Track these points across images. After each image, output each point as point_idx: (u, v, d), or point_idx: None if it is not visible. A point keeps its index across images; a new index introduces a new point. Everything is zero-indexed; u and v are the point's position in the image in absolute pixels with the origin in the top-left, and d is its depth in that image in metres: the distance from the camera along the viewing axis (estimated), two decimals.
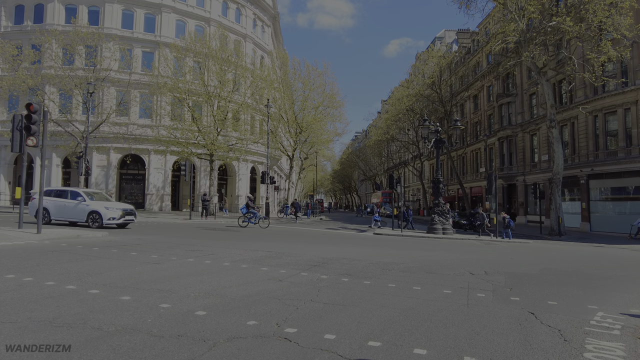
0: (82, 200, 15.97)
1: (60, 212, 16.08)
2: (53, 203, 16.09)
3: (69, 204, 16.02)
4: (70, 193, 16.52)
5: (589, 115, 27.57)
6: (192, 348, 3.56)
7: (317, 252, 11.01)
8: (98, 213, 15.61)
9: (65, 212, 16.04)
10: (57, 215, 16.07)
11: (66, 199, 16.18)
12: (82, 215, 15.79)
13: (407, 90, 44.55)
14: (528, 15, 22.00)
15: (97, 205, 15.91)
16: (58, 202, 16.14)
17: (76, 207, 15.92)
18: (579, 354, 3.89)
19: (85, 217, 15.71)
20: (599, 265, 11.31)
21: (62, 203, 16.09)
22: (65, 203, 16.05)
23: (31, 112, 12.05)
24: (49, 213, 15.91)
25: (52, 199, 16.18)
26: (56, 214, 16.08)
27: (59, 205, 16.10)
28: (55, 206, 16.09)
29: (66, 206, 16.04)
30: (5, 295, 5.03)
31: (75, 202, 15.95)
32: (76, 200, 16.00)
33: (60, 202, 16.14)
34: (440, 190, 21.45)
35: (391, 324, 4.59)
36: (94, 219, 15.60)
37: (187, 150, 29.22)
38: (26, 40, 32.10)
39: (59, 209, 16.08)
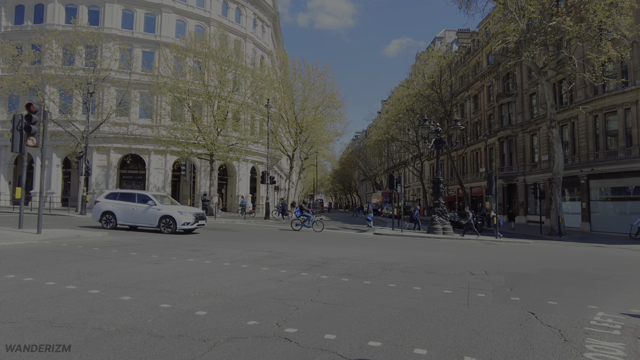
0: (153, 204, 15.05)
1: (128, 216, 15.19)
2: (119, 207, 15.25)
3: (138, 208, 15.12)
4: (138, 196, 15.60)
5: (589, 115, 27.56)
6: (192, 348, 3.56)
7: (317, 252, 11.01)
8: (172, 218, 14.71)
9: (134, 217, 15.13)
10: (125, 220, 15.23)
11: (134, 202, 15.29)
12: (152, 220, 14.91)
13: (407, 90, 44.52)
14: (528, 15, 21.99)
15: (170, 210, 15.01)
16: (125, 206, 15.24)
17: (146, 212, 14.99)
18: (579, 354, 3.90)
19: (156, 222, 14.84)
20: (599, 265, 11.30)
21: (130, 207, 15.19)
22: (134, 207, 15.16)
23: (31, 112, 12.06)
24: (115, 217, 15.17)
25: (117, 202, 15.38)
26: (123, 218, 15.21)
27: (127, 209, 15.20)
28: (122, 210, 15.21)
29: (135, 210, 15.11)
30: (6, 295, 5.03)
31: (145, 206, 15.05)
32: (146, 204, 15.09)
33: (127, 205, 15.24)
34: (440, 190, 21.45)
35: (391, 324, 4.59)
36: (166, 224, 14.72)
37: (187, 150, 29.22)
38: (26, 41, 32.10)
39: (127, 213, 15.18)
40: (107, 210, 15.31)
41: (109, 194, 16.24)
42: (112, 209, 15.25)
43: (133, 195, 15.70)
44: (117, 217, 15.18)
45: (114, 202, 15.45)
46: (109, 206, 15.37)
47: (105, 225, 15.20)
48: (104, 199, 15.73)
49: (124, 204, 15.34)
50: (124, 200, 15.50)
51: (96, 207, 15.69)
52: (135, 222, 15.23)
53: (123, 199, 15.57)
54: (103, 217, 15.30)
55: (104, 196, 16.00)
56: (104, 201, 15.60)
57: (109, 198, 15.75)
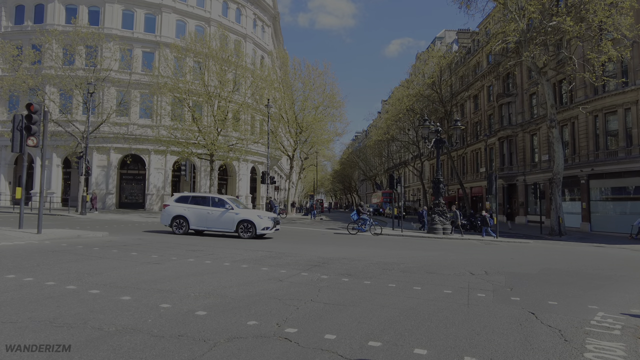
0: (230, 208, 14.55)
1: (202, 221, 14.58)
2: (192, 211, 14.60)
3: (214, 212, 14.52)
4: (212, 200, 15.00)
5: (589, 115, 27.56)
6: (192, 348, 3.56)
7: (317, 252, 11.01)
8: (251, 222, 14.27)
9: (209, 221, 14.54)
10: (198, 224, 14.62)
11: (208, 206, 14.71)
12: (230, 225, 14.41)
13: (407, 90, 44.50)
14: (528, 15, 21.98)
15: (249, 214, 14.66)
16: (199, 210, 14.61)
17: (223, 216, 14.45)
18: (580, 354, 3.89)
19: (234, 226, 14.36)
20: (599, 265, 11.30)
21: (205, 211, 14.57)
22: (209, 211, 14.55)
23: (31, 112, 12.07)
24: (188, 222, 14.55)
25: (190, 206, 14.73)
26: (197, 223, 14.60)
27: (201, 213, 14.58)
28: (196, 214, 14.58)
29: (210, 215, 14.53)
30: (6, 296, 5.03)
31: (222, 210, 14.51)
32: (222, 208, 14.56)
33: (201, 210, 14.62)
34: (440, 190, 21.45)
35: (391, 324, 4.59)
36: (245, 228, 14.29)
37: (187, 150, 29.23)
38: (26, 41, 32.12)
39: (201, 217, 14.57)
40: (178, 214, 14.61)
41: (180, 197, 15.38)
42: (184, 213, 14.55)
43: (207, 199, 15.08)
44: (189, 222, 14.54)
45: (186, 205, 14.73)
46: (180, 210, 14.64)
47: (177, 230, 14.53)
48: (174, 203, 15.01)
49: (197, 208, 14.67)
50: (197, 203, 14.83)
51: (166, 212, 14.91)
52: (210, 227, 14.63)
53: (196, 202, 14.89)
54: (174, 221, 14.62)
55: (173, 200, 15.28)
56: (175, 205, 14.88)
57: (180, 202, 14.98)
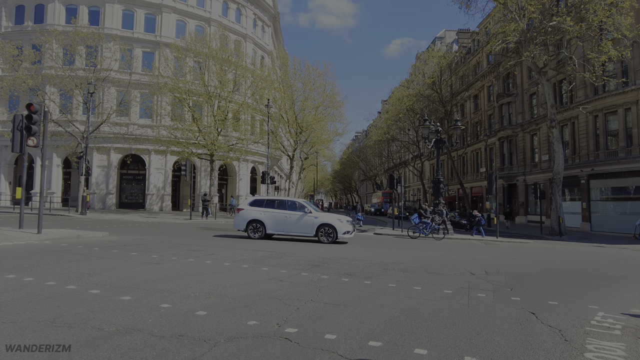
0: (308, 211, 14.20)
1: (280, 225, 14.20)
2: (269, 215, 14.25)
3: (292, 216, 14.18)
4: (288, 203, 14.66)
5: (590, 115, 27.55)
6: (192, 348, 3.56)
7: (318, 252, 11.01)
8: (332, 227, 13.92)
9: (287, 225, 14.16)
10: (275, 228, 14.25)
11: (285, 209, 14.34)
12: (309, 229, 14.06)
13: (407, 90, 44.50)
14: (528, 15, 21.98)
15: (329, 218, 14.37)
16: (276, 214, 14.26)
17: (301, 220, 14.11)
18: (580, 354, 3.89)
19: (313, 231, 14.02)
20: (600, 265, 11.30)
21: (282, 215, 14.23)
22: (286, 215, 14.20)
23: (32, 112, 12.07)
24: (264, 226, 14.16)
25: (266, 209, 14.37)
26: (274, 227, 14.23)
27: (278, 217, 14.22)
28: (272, 218, 14.22)
29: (288, 218, 14.16)
30: (6, 295, 5.03)
31: (300, 214, 14.17)
32: (300, 212, 14.23)
33: (278, 213, 14.26)
34: (440, 190, 21.44)
35: (392, 324, 4.59)
36: (326, 233, 13.92)
37: (187, 150, 29.23)
38: (26, 41, 32.12)
39: (278, 221, 14.20)
40: (254, 218, 14.24)
41: (254, 200, 15.10)
42: (260, 217, 14.21)
43: (283, 202, 14.75)
44: (266, 226, 14.18)
45: (261, 209, 14.38)
46: (256, 214, 14.28)
47: (253, 234, 14.19)
48: (248, 207, 14.69)
49: (274, 211, 14.33)
50: (273, 207, 14.50)
51: (240, 216, 14.56)
52: (287, 231, 14.28)
53: (271, 206, 14.58)
54: (249, 225, 14.26)
55: (247, 203, 15.03)
56: (250, 209, 14.55)
57: (254, 205, 14.66)
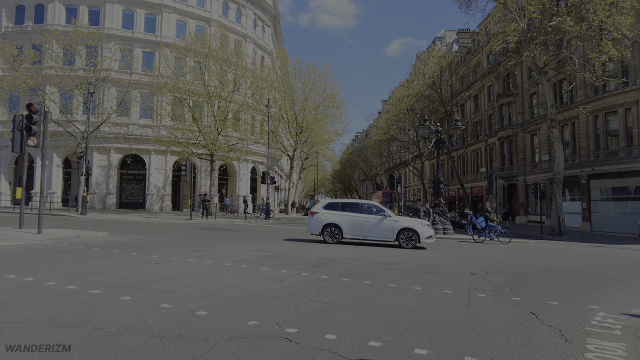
0: (388, 215, 13.71)
1: (358, 229, 13.70)
2: (346, 219, 13.74)
3: (370, 220, 13.65)
4: (365, 206, 14.13)
5: (590, 115, 27.55)
6: (192, 348, 3.56)
7: (318, 252, 11.01)
8: (414, 231, 13.39)
9: (365, 230, 13.66)
10: (353, 233, 13.72)
11: (362, 213, 13.84)
12: (389, 234, 13.52)
13: (407, 90, 44.52)
14: (528, 15, 21.97)
15: (411, 222, 13.91)
16: (353, 218, 13.75)
17: (381, 224, 13.57)
18: (580, 354, 3.89)
19: (394, 235, 13.48)
20: (600, 265, 11.29)
21: (360, 219, 13.71)
22: (364, 219, 13.68)
23: (32, 112, 12.07)
24: (341, 230, 13.67)
25: (342, 213, 13.88)
26: (351, 231, 13.71)
27: (355, 221, 13.71)
28: (349, 222, 13.70)
29: (366, 223, 13.65)
30: (6, 296, 5.03)
31: (379, 218, 13.63)
32: (379, 216, 13.69)
33: (356, 217, 13.76)
34: (440, 190, 21.45)
35: (392, 324, 4.59)
36: (407, 237, 13.38)
37: (187, 150, 29.24)
38: (27, 41, 32.14)
39: (356, 225, 13.69)
40: (330, 222, 13.75)
41: (328, 204, 14.55)
42: (336, 221, 13.71)
43: (360, 205, 14.24)
44: (343, 230, 13.68)
45: (337, 213, 13.90)
46: (332, 218, 13.79)
47: (329, 239, 13.68)
48: (323, 210, 14.14)
49: (351, 215, 13.83)
50: (350, 210, 14.01)
51: (315, 219, 14.00)
52: (366, 236, 13.76)
53: (347, 209, 14.08)
54: (325, 230, 13.77)
55: (321, 207, 14.40)
56: (324, 212, 14.03)
57: (328, 209, 14.14)
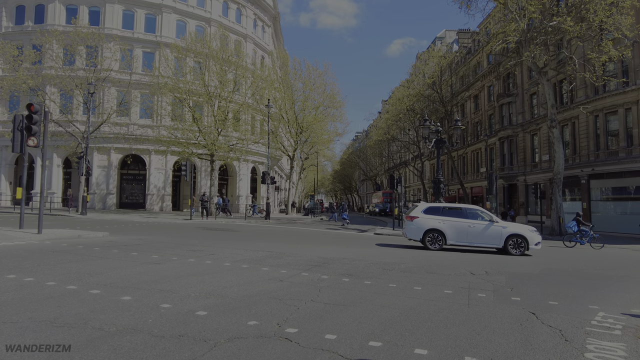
0: (494, 221, 13.14)
1: (462, 235, 13.12)
2: (450, 224, 13.18)
3: (476, 226, 13.06)
4: (469, 211, 13.58)
5: (590, 115, 27.54)
6: (193, 348, 3.56)
7: (318, 252, 11.01)
8: (523, 237, 12.83)
9: (470, 236, 13.07)
10: (457, 239, 13.15)
11: (466, 218, 13.28)
12: (497, 240, 12.95)
13: (407, 90, 44.51)
14: (529, 15, 21.97)
15: (519, 228, 13.29)
16: (458, 223, 13.19)
17: (487, 230, 12.97)
18: (580, 354, 3.89)
19: (501, 242, 12.89)
20: (600, 265, 11.29)
21: (465, 224, 13.13)
22: (470, 224, 13.10)
23: (32, 112, 12.07)
24: (445, 237, 13.10)
25: (445, 218, 13.34)
26: (455, 237, 13.14)
27: (460, 227, 13.14)
28: (453, 228, 13.14)
29: (472, 228, 13.05)
30: (7, 296, 5.03)
31: (485, 224, 13.04)
32: (485, 221, 13.12)
33: (460, 223, 13.19)
34: (441, 190, 21.43)
35: (392, 324, 4.59)
36: (516, 244, 12.81)
37: (187, 150, 29.25)
38: (27, 41, 32.14)
39: (460, 231, 13.12)
40: (432, 227, 13.21)
41: (428, 208, 13.91)
42: (439, 227, 13.16)
43: (463, 210, 13.66)
44: (446, 236, 13.11)
45: (440, 218, 13.33)
46: (434, 223, 13.24)
47: (432, 245, 13.12)
48: (423, 215, 13.54)
49: (455, 220, 13.25)
50: (453, 215, 13.43)
51: (415, 225, 13.43)
52: (471, 242, 13.19)
53: (450, 214, 13.53)
54: (427, 235, 13.24)
55: (421, 211, 13.74)
56: (425, 217, 13.45)
57: (429, 213, 13.57)
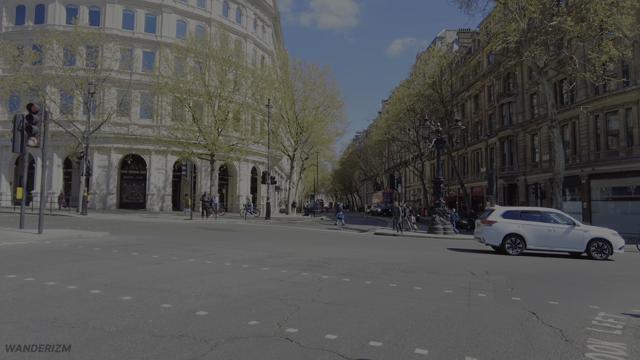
0: (575, 224, 12.82)
1: (543, 239, 12.81)
2: (529, 228, 12.87)
3: (557, 230, 12.75)
4: (548, 215, 13.25)
5: (590, 115, 27.54)
6: (193, 348, 3.56)
7: (318, 252, 11.01)
8: (607, 241, 12.49)
9: (551, 240, 12.75)
10: (537, 243, 12.87)
11: (546, 222, 12.97)
12: (578, 245, 12.63)
13: (407, 90, 44.51)
14: (529, 15, 21.96)
15: (602, 232, 12.87)
16: (537, 228, 12.87)
17: (568, 234, 12.66)
18: (581, 354, 3.89)
19: (583, 246, 12.56)
20: (600, 265, 11.29)
21: (545, 229, 12.81)
22: (550, 228, 12.77)
23: (32, 112, 12.08)
24: (524, 241, 12.81)
25: (524, 222, 13.01)
26: (536, 242, 12.85)
27: (540, 231, 12.83)
28: (533, 232, 12.84)
29: (552, 233, 12.73)
30: (7, 295, 5.03)
31: (566, 227, 12.75)
32: (566, 225, 12.82)
33: (540, 227, 12.87)
34: (441, 190, 21.45)
35: (392, 324, 4.59)
36: (599, 248, 12.47)
37: (188, 150, 29.25)
38: (27, 41, 32.16)
39: (541, 236, 12.81)
40: (512, 232, 12.90)
41: (506, 212, 13.62)
42: (519, 231, 12.86)
43: (543, 214, 13.35)
44: (526, 241, 12.83)
45: (520, 222, 13.03)
46: (514, 227, 12.92)
47: (512, 250, 12.82)
48: (502, 219, 13.22)
49: (535, 224, 12.96)
50: (532, 219, 13.13)
51: (494, 229, 13.12)
52: (551, 246, 12.87)
53: (529, 218, 13.20)
54: (507, 240, 12.91)
55: (499, 215, 13.40)
56: (504, 221, 13.14)
57: (508, 217, 13.23)
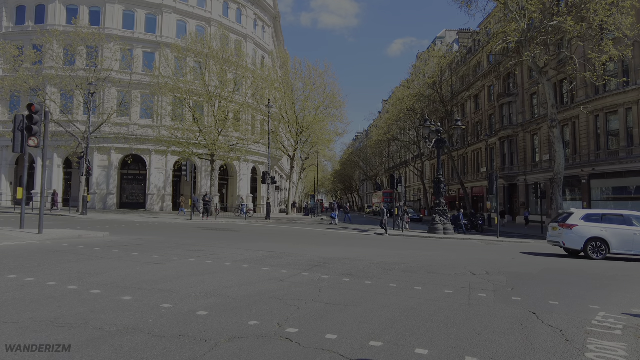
0: None
1: (628, 244, 12.52)
2: (613, 232, 12.60)
3: None
4: (632, 218, 12.91)
5: (590, 115, 27.53)
6: (193, 348, 3.56)
7: (318, 252, 11.01)
8: None
9: (637, 245, 12.48)
10: (622, 248, 12.56)
11: (630, 225, 12.67)
12: None
13: (407, 90, 44.53)
14: (529, 15, 21.96)
15: None
16: (622, 231, 12.59)
17: None
18: (581, 354, 3.88)
19: None
20: (600, 265, 11.28)
21: (630, 232, 12.52)
22: (635, 232, 12.51)
23: (32, 112, 12.08)
24: (608, 245, 12.54)
25: (607, 226, 12.75)
26: (620, 246, 12.56)
27: (625, 234, 12.54)
28: (617, 236, 12.55)
29: (638, 236, 12.47)
30: (7, 295, 5.03)
31: None
32: None
33: (625, 231, 12.58)
34: (441, 190, 21.44)
35: (392, 324, 4.59)
36: None
37: (188, 150, 29.26)
38: (27, 41, 32.17)
39: (626, 240, 12.51)
40: (595, 236, 12.66)
41: (587, 215, 13.42)
42: (602, 235, 12.62)
43: (625, 218, 13.01)
44: (610, 245, 12.55)
45: (602, 226, 12.79)
46: (596, 231, 12.69)
47: (595, 255, 12.56)
48: (583, 222, 13.00)
49: (617, 228, 12.69)
50: (613, 223, 12.87)
51: (576, 233, 12.91)
52: (636, 251, 12.59)
53: (611, 221, 12.97)
54: (589, 244, 12.67)
55: (579, 218, 13.19)
56: (586, 225, 12.92)
57: (589, 221, 13.03)
